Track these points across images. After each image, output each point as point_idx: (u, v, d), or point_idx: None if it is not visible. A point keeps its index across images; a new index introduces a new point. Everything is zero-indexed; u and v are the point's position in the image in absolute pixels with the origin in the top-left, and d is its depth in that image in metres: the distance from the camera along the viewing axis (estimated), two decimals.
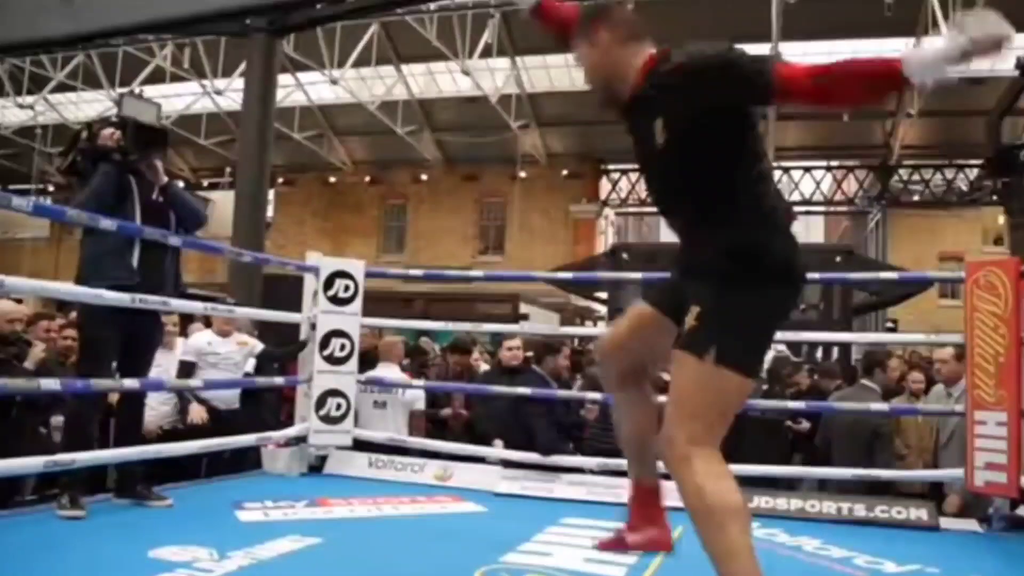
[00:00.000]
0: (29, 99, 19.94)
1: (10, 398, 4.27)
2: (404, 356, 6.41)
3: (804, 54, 16.83)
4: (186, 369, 5.37)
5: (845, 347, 10.80)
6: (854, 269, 10.83)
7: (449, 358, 6.77)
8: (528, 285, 17.28)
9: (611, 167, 22.61)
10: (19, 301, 5.42)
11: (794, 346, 11.31)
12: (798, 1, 13.52)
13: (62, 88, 19.51)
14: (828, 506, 4.40)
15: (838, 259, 12.85)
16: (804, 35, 15.75)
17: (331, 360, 5.01)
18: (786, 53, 15.60)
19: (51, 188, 23.02)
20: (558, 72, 19.17)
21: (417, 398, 5.71)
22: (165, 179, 3.99)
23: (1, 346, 4.53)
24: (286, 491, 4.27)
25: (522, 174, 21.59)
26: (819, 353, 11.70)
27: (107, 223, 3.52)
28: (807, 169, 21.22)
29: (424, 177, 23.00)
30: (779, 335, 7.59)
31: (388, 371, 5.65)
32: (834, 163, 21.43)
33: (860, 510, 4.35)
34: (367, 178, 23.67)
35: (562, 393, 5.41)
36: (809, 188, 21.33)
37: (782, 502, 4.45)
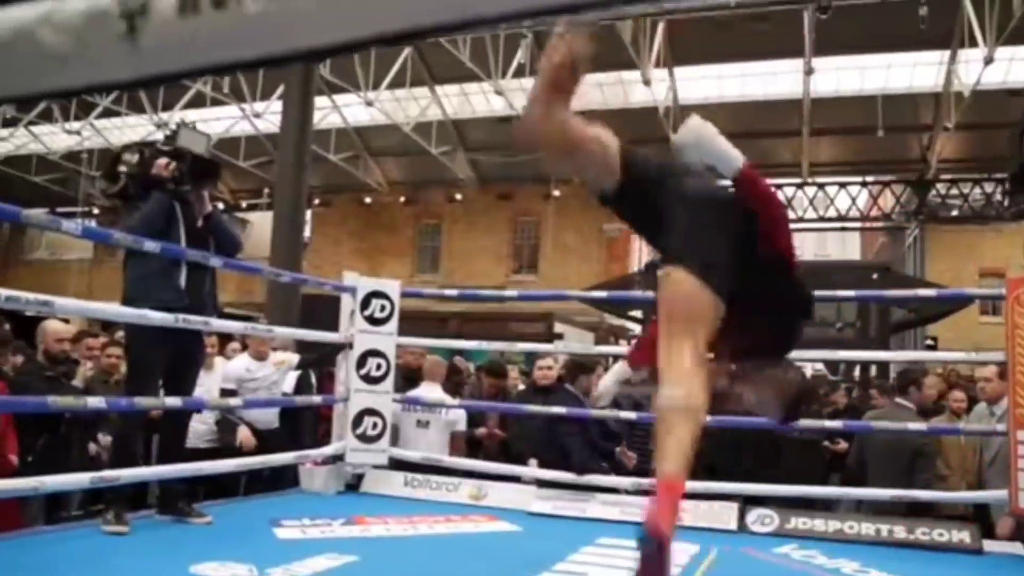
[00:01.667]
0: (76, 125, 20.46)
1: (58, 415, 4.38)
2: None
3: (837, 68, 16.73)
4: (227, 397, 5.46)
5: (883, 366, 10.65)
6: (891, 286, 10.72)
7: (484, 380, 6.78)
8: (562, 304, 17.25)
9: None
10: (66, 320, 5.56)
11: (831, 365, 11.19)
12: (831, 16, 13.45)
13: (107, 113, 19.99)
14: (867, 527, 4.34)
15: (875, 276, 12.73)
16: (837, 49, 15.64)
17: (368, 379, 5.07)
18: (819, 67, 15.52)
19: (96, 211, 23.52)
20: (590, 91, 19.23)
21: (459, 418, 5.72)
22: (210, 208, 4.11)
23: (51, 365, 4.67)
24: (323, 509, 4.33)
25: (556, 193, 21.63)
26: (856, 372, 11.55)
27: (151, 245, 3.63)
28: (842, 185, 20.99)
29: (458, 197, 23.15)
30: (816, 353, 7.51)
31: (430, 391, 5.67)
32: (870, 178, 21.15)
33: (900, 532, 4.28)
34: (402, 198, 23.87)
35: (596, 412, 5.40)
36: (844, 204, 21.06)
37: (820, 523, 4.40)
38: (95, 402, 3.73)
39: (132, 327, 3.95)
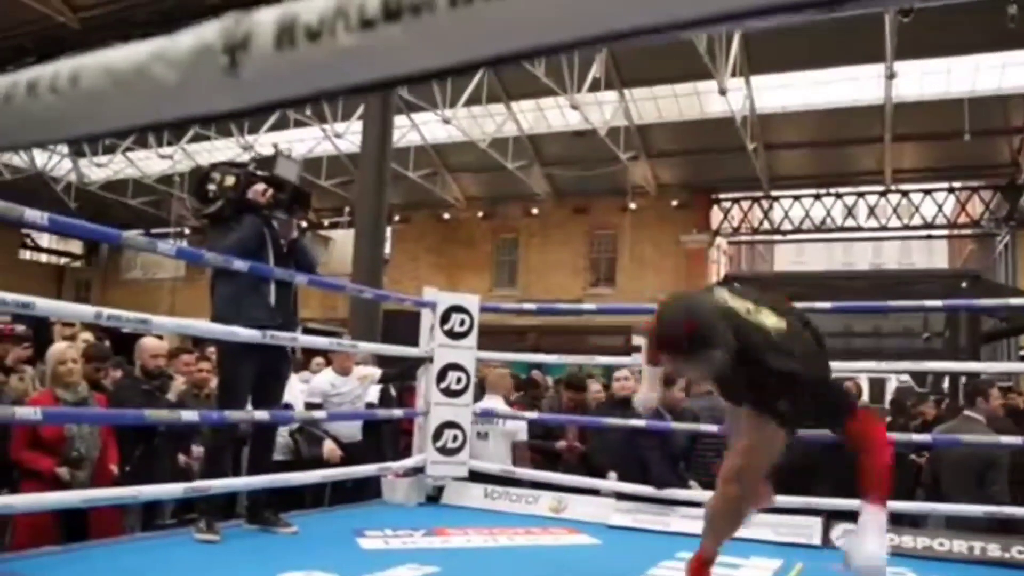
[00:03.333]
0: (168, 149, 21.36)
1: (153, 427, 4.58)
2: (514, 389, 6.46)
3: (922, 72, 16.20)
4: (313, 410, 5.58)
5: (974, 377, 10.23)
6: (982, 295, 10.29)
7: (564, 393, 6.77)
8: (640, 317, 17.10)
9: (722, 196, 22.27)
10: (160, 337, 5.81)
11: (919, 376, 10.82)
12: (913, 18, 13.05)
13: (197, 138, 20.80)
14: (959, 545, 4.18)
15: (964, 284, 12.25)
16: (920, 53, 15.16)
17: (448, 393, 5.14)
18: (901, 72, 15.06)
19: (187, 231, 24.42)
20: (666, 103, 19.09)
21: (519, 429, 5.72)
22: (295, 234, 4.27)
23: (147, 380, 4.88)
24: (405, 520, 4.40)
25: (632, 205, 21.51)
26: (945, 383, 11.12)
27: (241, 265, 3.78)
28: (927, 191, 20.32)
29: (535, 211, 23.23)
30: (902, 365, 7.24)
31: (494, 403, 5.71)
32: (956, 184, 20.42)
33: (994, 550, 4.11)
34: (479, 213, 24.08)
35: (676, 425, 5.34)
36: (930, 211, 20.38)
37: (908, 539, 4.26)
38: (189, 415, 3.90)
39: (223, 344, 4.10)
